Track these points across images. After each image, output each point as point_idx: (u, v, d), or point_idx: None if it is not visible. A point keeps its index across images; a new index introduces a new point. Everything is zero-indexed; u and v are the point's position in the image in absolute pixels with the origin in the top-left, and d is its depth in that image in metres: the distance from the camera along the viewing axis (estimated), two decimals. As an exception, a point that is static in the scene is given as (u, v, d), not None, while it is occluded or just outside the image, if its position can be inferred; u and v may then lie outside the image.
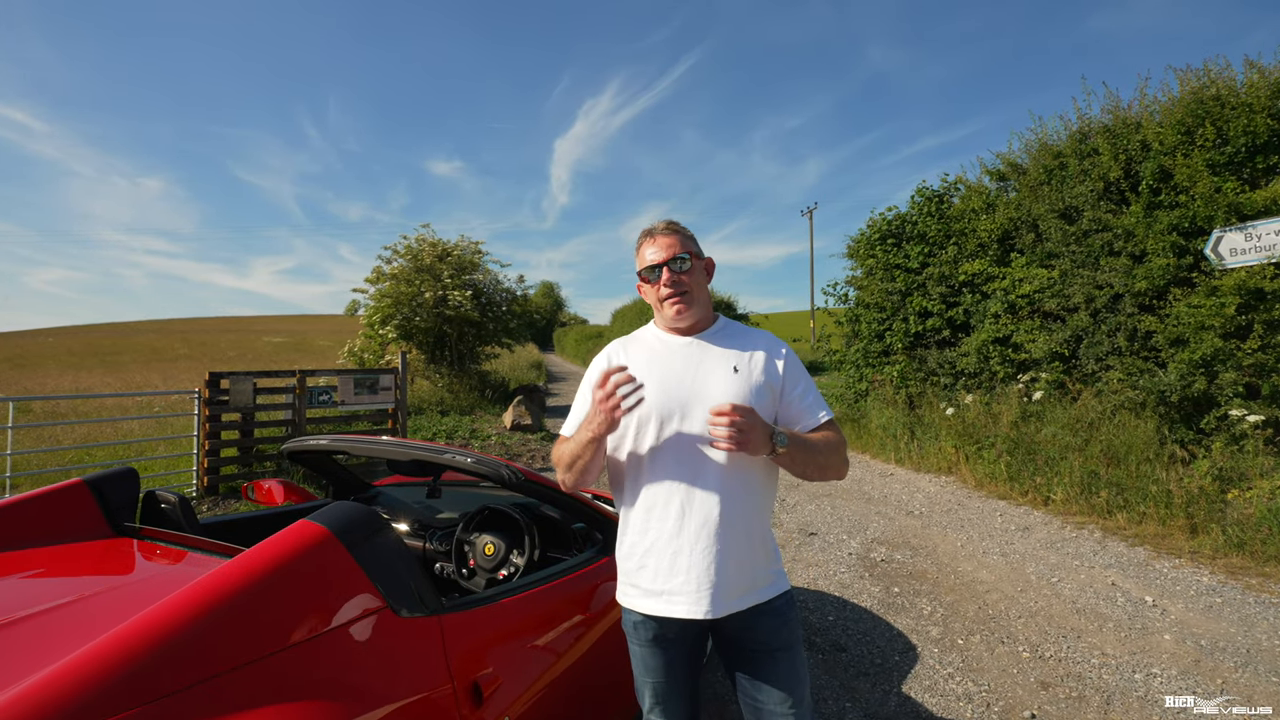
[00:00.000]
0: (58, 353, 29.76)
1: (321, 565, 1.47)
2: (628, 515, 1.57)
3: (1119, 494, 5.60)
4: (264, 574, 1.37)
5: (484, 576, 2.47)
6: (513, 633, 1.81)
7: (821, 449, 1.49)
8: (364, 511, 1.60)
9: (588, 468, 1.50)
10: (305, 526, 1.52)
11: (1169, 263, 5.88)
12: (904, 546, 5.06)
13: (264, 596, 1.34)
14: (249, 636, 1.26)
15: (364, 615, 1.48)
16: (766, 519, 1.55)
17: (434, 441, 2.37)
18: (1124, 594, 4.05)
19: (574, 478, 1.53)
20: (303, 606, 1.39)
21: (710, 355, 1.56)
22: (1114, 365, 6.49)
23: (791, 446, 1.42)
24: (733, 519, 1.45)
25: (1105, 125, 6.90)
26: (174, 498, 2.06)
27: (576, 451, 1.49)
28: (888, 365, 9.60)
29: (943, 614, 3.81)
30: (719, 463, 1.45)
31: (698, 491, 1.45)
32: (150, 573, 1.79)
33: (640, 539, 1.52)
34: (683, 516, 1.45)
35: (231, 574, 1.35)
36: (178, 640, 1.16)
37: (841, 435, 1.56)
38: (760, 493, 1.52)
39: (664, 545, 1.47)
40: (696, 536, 1.44)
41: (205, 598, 1.27)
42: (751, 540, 1.49)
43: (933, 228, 9.11)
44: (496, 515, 2.58)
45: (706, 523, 1.44)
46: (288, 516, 2.74)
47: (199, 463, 6.37)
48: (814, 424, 1.54)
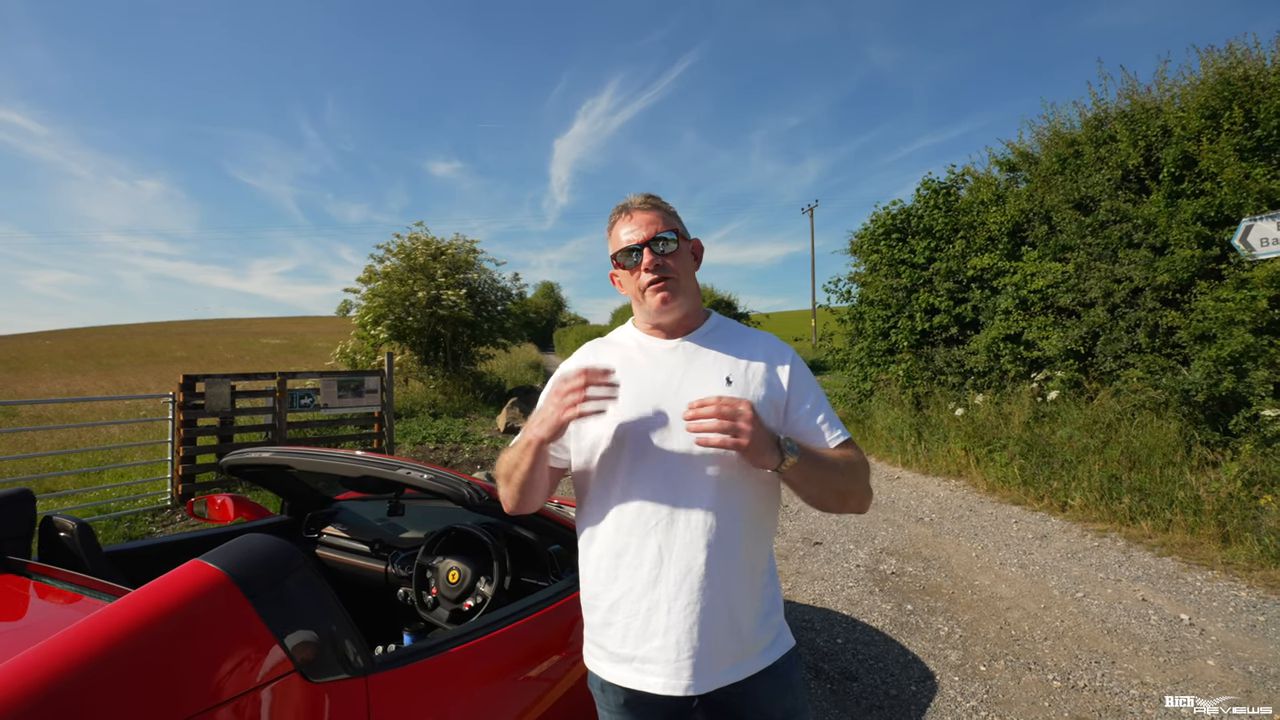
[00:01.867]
0: (54, 355, 29.50)
1: (212, 619, 1.17)
2: (590, 554, 1.25)
3: (1142, 499, 5.28)
4: (135, 631, 1.08)
5: (447, 607, 2.17)
6: (466, 691, 1.51)
7: (842, 469, 1.18)
8: (273, 549, 1.30)
9: (527, 483, 1.20)
10: (196, 569, 1.22)
11: (1194, 254, 5.55)
12: (915, 557, 4.75)
13: (132, 661, 1.05)
14: (108, 713, 0.96)
15: (265, 682, 1.18)
16: (765, 562, 1.24)
17: (389, 455, 2.10)
18: (1157, 611, 3.74)
19: (513, 494, 1.24)
20: (184, 673, 1.09)
21: (699, 362, 1.25)
22: (1134, 363, 6.17)
23: (804, 459, 1.11)
24: (723, 567, 1.14)
25: (1123, 111, 6.57)
26: (72, 525, 1.76)
27: (514, 460, 1.21)
28: (893, 364, 9.28)
29: (961, 635, 3.50)
30: (706, 495, 1.15)
31: (679, 532, 1.14)
32: (27, 620, 1.49)
33: (606, 589, 1.20)
34: (660, 564, 1.14)
35: (92, 632, 1.06)
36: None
37: (863, 457, 1.25)
38: (758, 531, 1.21)
39: (636, 599, 1.16)
40: (677, 590, 1.13)
41: (53, 663, 0.98)
42: (746, 592, 1.18)
43: (939, 221, 8.79)
44: (463, 537, 2.28)
45: (689, 572, 1.13)
46: (230, 538, 2.44)
47: (173, 470, 6.08)
48: (829, 446, 1.23)
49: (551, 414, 1.11)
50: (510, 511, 1.29)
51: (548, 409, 1.12)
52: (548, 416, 1.12)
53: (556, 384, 1.14)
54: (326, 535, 2.74)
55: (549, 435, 1.12)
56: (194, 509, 2.78)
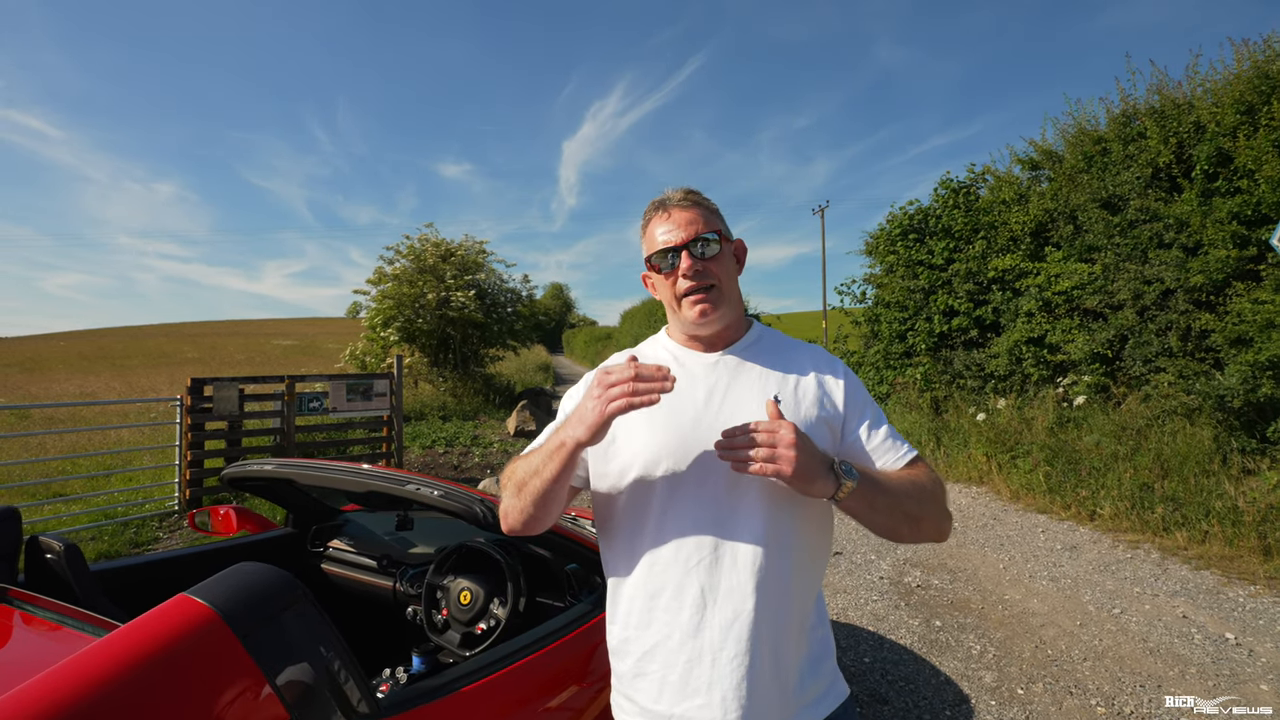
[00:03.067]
0: (68, 356, 29.78)
1: (199, 661, 1.05)
2: (620, 593, 1.11)
3: (1176, 509, 5.09)
4: (113, 679, 0.97)
5: (459, 630, 2.04)
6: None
7: (911, 492, 1.02)
8: (268, 580, 1.18)
9: (546, 495, 1.01)
10: (182, 605, 1.10)
11: (1229, 254, 5.35)
12: (940, 569, 4.58)
13: (109, 711, 0.93)
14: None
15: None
16: (814, 602, 1.10)
17: (398, 464, 1.99)
18: (1200, 629, 3.55)
19: (524, 507, 1.04)
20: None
21: (743, 379, 1.10)
22: (1165, 367, 5.97)
23: (865, 484, 0.97)
24: (774, 611, 1.00)
25: (1152, 107, 6.38)
26: (59, 545, 1.64)
27: (533, 466, 1.02)
28: (910, 367, 9.09)
29: (995, 654, 3.33)
30: (755, 529, 1.00)
31: (725, 572, 1.00)
32: (4, 655, 1.37)
33: (640, 634, 1.06)
34: (703, 608, 1.00)
35: (65, 679, 0.94)
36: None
37: (936, 476, 1.09)
38: (809, 569, 1.07)
39: (674, 648, 1.01)
40: (723, 638, 0.98)
41: (20, 716, 0.87)
42: (796, 638, 1.04)
43: (959, 221, 8.60)
44: (475, 554, 2.15)
45: (738, 618, 0.98)
46: (229, 554, 2.33)
47: (180, 475, 6.00)
48: (895, 467, 1.09)
49: (592, 410, 0.92)
50: (513, 530, 1.08)
51: (586, 406, 0.94)
52: (586, 414, 0.93)
53: (599, 377, 0.95)
54: (333, 549, 2.62)
55: (588, 437, 0.93)
56: (195, 521, 2.67)
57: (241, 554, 2.41)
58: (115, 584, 1.90)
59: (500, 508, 1.10)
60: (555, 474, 0.98)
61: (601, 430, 0.93)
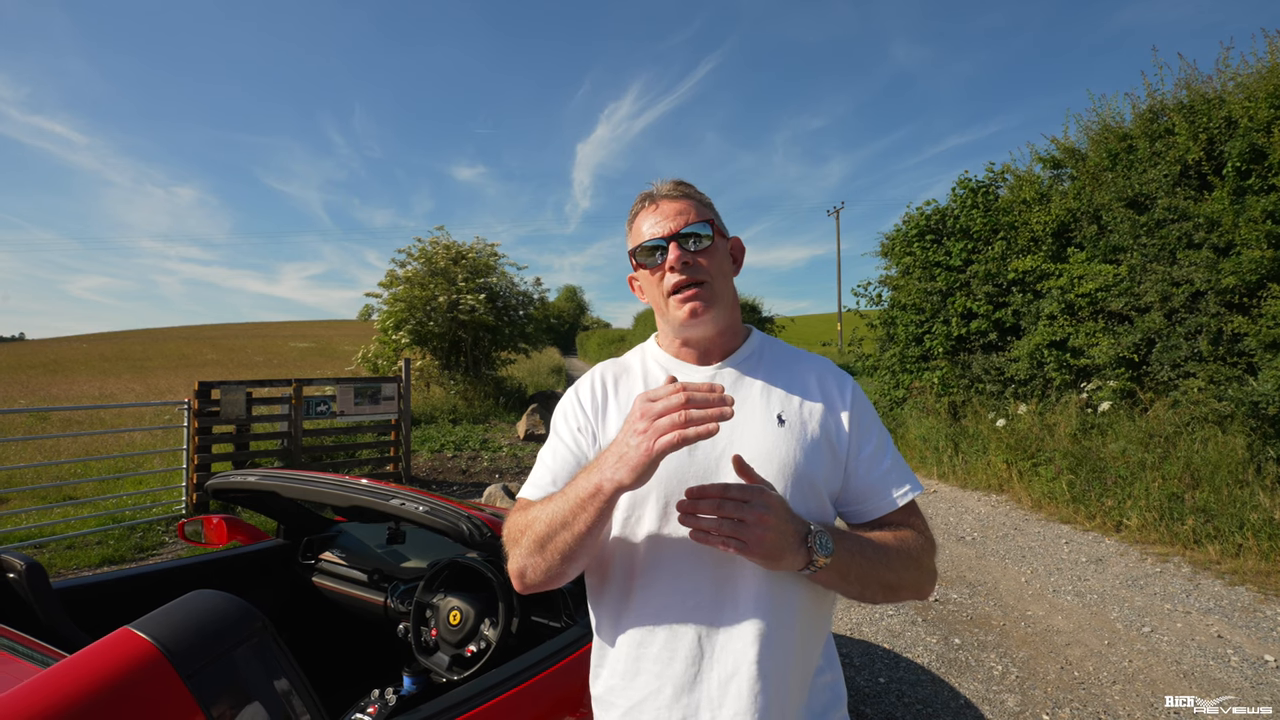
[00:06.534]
0: (91, 359, 30.28)
1: (132, 705, 0.95)
2: (606, 639, 0.99)
3: (1207, 521, 4.87)
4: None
5: (448, 652, 1.93)
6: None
7: (892, 560, 0.91)
8: (220, 611, 1.08)
9: (577, 550, 0.85)
10: (123, 640, 1.01)
11: (1263, 255, 5.12)
12: (959, 582, 4.41)
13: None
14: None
15: (200, 786, 0.96)
16: (822, 645, 0.98)
17: (386, 483, 1.90)
18: (1236, 650, 3.36)
19: (549, 564, 0.87)
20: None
21: (743, 396, 0.98)
22: (1194, 372, 5.74)
23: (841, 555, 0.85)
24: (778, 660, 0.88)
25: (1180, 102, 6.15)
26: (21, 564, 1.56)
27: (563, 516, 0.83)
28: (927, 371, 8.88)
29: (1017, 675, 3.17)
30: (759, 569, 0.88)
31: (725, 621, 0.89)
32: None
33: (626, 685, 0.94)
34: (699, 659, 0.89)
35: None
36: None
37: (927, 531, 0.98)
38: (816, 611, 0.95)
39: (666, 704, 0.90)
40: (721, 694, 0.87)
41: None
42: (801, 688, 0.92)
43: (978, 222, 8.38)
44: (466, 571, 2.05)
45: (738, 671, 0.87)
46: (211, 569, 2.25)
47: (188, 479, 5.99)
48: (887, 508, 0.97)
49: (637, 448, 0.75)
50: (530, 589, 0.92)
51: (629, 443, 0.76)
52: (629, 453, 0.76)
53: (642, 407, 0.77)
54: (324, 562, 2.54)
55: (631, 480, 0.76)
56: (186, 531, 2.59)
57: (227, 568, 2.33)
58: (81, 601, 1.81)
59: (511, 566, 0.92)
60: (589, 525, 0.82)
61: (648, 472, 0.76)
